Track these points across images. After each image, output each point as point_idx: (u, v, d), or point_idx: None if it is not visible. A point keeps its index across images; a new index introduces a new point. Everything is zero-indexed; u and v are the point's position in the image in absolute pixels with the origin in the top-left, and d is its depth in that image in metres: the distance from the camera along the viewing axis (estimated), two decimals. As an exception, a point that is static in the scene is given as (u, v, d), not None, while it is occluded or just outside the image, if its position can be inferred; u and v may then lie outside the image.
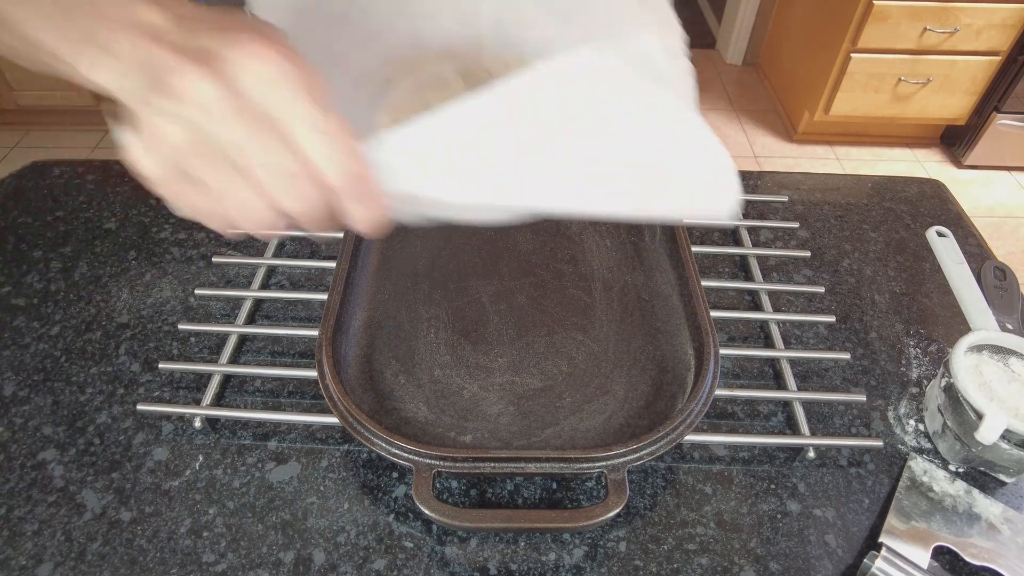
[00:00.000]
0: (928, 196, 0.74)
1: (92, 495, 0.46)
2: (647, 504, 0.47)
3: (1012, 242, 2.00)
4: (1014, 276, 0.63)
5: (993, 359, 0.50)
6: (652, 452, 0.44)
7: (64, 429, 0.50)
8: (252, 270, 0.62)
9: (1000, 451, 0.46)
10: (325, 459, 0.49)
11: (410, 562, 0.44)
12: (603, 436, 0.49)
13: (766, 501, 0.47)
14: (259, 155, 0.25)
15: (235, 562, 0.43)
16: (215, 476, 0.48)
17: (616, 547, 0.45)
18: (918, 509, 0.46)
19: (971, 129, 2.18)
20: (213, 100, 0.24)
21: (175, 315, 0.59)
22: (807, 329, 0.59)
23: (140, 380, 0.54)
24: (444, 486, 0.48)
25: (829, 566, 0.44)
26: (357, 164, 0.27)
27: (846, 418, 0.52)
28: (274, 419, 0.50)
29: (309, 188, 0.26)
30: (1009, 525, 0.45)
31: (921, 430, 0.52)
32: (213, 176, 0.26)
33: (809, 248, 0.66)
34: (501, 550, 0.44)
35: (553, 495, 0.47)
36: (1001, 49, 1.98)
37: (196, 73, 0.24)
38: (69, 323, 0.58)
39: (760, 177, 0.75)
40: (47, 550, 0.44)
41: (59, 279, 0.62)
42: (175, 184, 0.26)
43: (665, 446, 0.45)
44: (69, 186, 0.72)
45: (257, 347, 0.56)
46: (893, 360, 0.57)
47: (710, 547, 0.45)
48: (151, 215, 0.69)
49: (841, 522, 0.46)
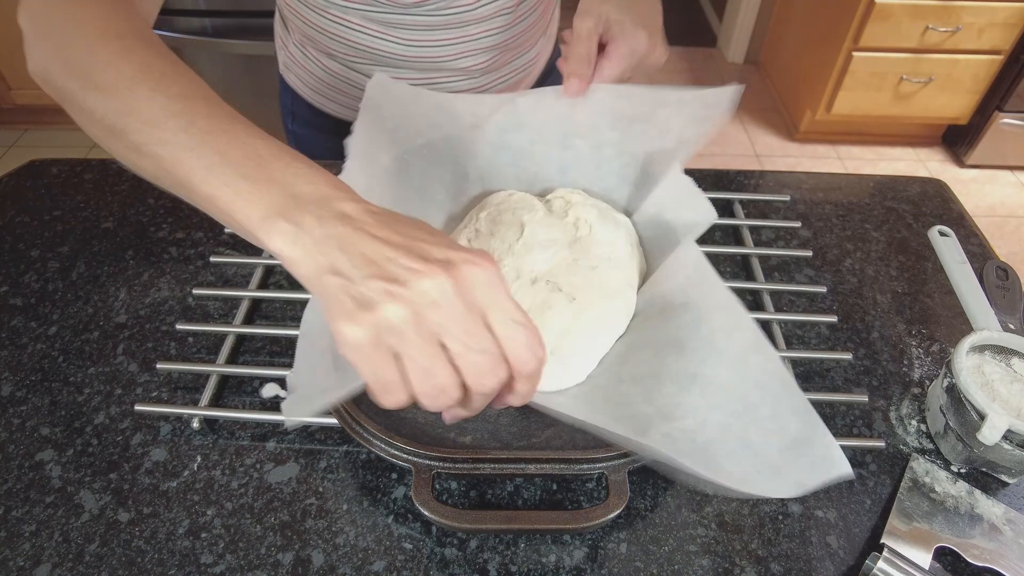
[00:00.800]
0: (930, 195, 0.74)
1: (90, 496, 0.46)
2: (648, 505, 0.47)
3: (1014, 242, 2.00)
4: (1016, 276, 0.63)
5: (995, 359, 0.50)
6: (653, 453, 0.44)
7: (62, 430, 0.50)
8: (250, 270, 0.62)
9: (1002, 452, 0.46)
10: (324, 460, 0.49)
11: (409, 563, 0.43)
12: (603, 437, 0.49)
13: (767, 502, 0.47)
14: (467, 337, 0.30)
15: (233, 563, 0.43)
16: (213, 477, 0.47)
17: (617, 548, 0.44)
18: (920, 510, 0.46)
19: (973, 128, 2.17)
20: (445, 293, 0.30)
21: (173, 315, 0.59)
22: (809, 329, 0.59)
23: (138, 380, 0.53)
24: (443, 487, 0.47)
25: (831, 567, 0.44)
26: (543, 350, 0.32)
27: (848, 418, 0.52)
28: (273, 420, 0.50)
29: (499, 366, 0.31)
30: (1011, 526, 0.45)
31: (923, 431, 0.51)
32: (420, 351, 0.30)
33: (811, 248, 0.66)
34: (501, 552, 0.44)
35: (553, 496, 0.47)
36: (1003, 48, 1.98)
37: (435, 272, 0.30)
38: (67, 323, 0.58)
39: (762, 176, 0.75)
40: (45, 551, 0.43)
41: (57, 279, 0.62)
42: (372, 352, 0.30)
43: (666, 447, 0.44)
44: (67, 185, 0.72)
45: (255, 347, 0.56)
46: (895, 360, 0.57)
47: (711, 548, 0.44)
48: (149, 214, 0.68)
49: (843, 523, 0.46)
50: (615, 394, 0.46)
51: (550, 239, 0.54)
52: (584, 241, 0.54)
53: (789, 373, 0.42)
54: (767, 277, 0.63)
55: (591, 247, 0.54)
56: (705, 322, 0.46)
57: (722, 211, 0.70)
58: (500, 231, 0.54)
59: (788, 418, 0.40)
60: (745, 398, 0.41)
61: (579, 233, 0.55)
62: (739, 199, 0.69)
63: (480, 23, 0.66)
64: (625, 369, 0.48)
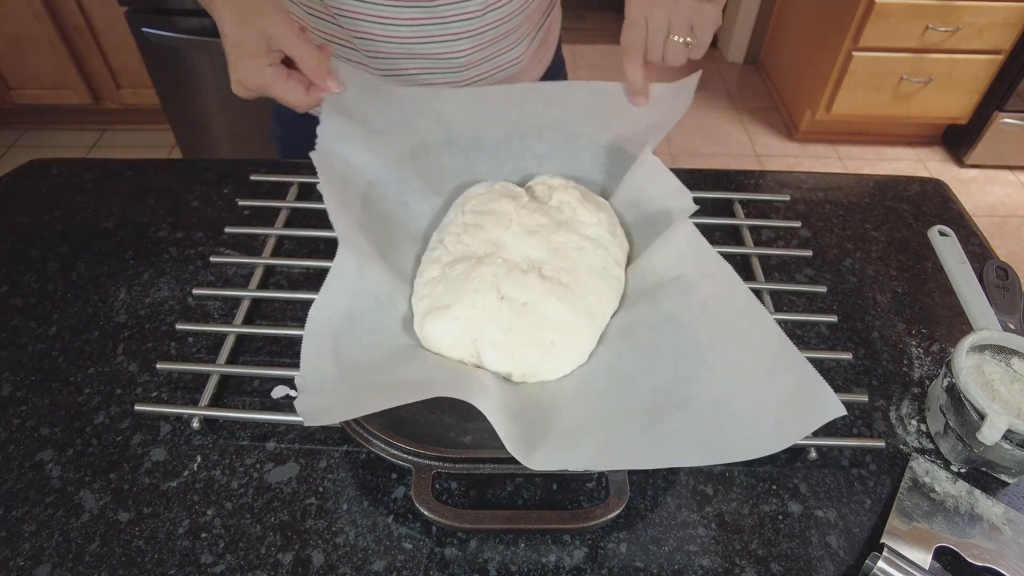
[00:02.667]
0: (930, 195, 0.74)
1: (90, 496, 0.46)
2: (648, 505, 0.47)
3: (1014, 241, 2.00)
4: (1016, 276, 0.63)
5: (995, 359, 0.50)
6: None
7: (62, 430, 0.50)
8: (250, 270, 0.62)
9: (1002, 451, 0.46)
10: (324, 460, 0.49)
11: (409, 563, 0.43)
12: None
13: (767, 502, 0.47)
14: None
15: (233, 563, 0.43)
16: (213, 477, 0.47)
17: (617, 548, 0.44)
18: (920, 510, 0.46)
19: (973, 128, 2.17)
20: None
21: (173, 315, 0.59)
22: (809, 329, 0.59)
23: (138, 380, 0.53)
24: (444, 487, 0.47)
25: (831, 567, 0.44)
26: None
27: (848, 418, 0.52)
28: (272, 420, 0.50)
29: None
30: (1011, 526, 0.45)
31: (923, 430, 0.51)
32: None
33: (811, 247, 0.66)
34: (501, 551, 0.44)
35: (553, 496, 0.47)
36: (1003, 48, 1.97)
37: None
38: (67, 323, 0.58)
39: (762, 176, 0.75)
40: (45, 551, 0.43)
41: (56, 279, 0.62)
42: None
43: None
44: (67, 185, 0.72)
45: (255, 347, 0.56)
46: (895, 360, 0.57)
47: (711, 548, 0.44)
48: (149, 214, 0.68)
49: (843, 523, 0.46)
50: (617, 370, 0.48)
51: (537, 224, 0.55)
52: (570, 223, 0.56)
53: (781, 332, 0.45)
54: (767, 277, 0.63)
55: (577, 228, 0.56)
56: (697, 291, 0.48)
57: (722, 211, 0.70)
58: (488, 222, 0.55)
59: (785, 373, 0.43)
60: (743, 358, 0.44)
61: (564, 216, 0.57)
62: (739, 199, 0.69)
63: (452, 4, 0.65)
64: (624, 344, 0.50)
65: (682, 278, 0.49)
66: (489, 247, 0.53)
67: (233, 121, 1.76)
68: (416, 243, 0.58)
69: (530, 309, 0.49)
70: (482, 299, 0.49)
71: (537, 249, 0.54)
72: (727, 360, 0.44)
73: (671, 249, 0.51)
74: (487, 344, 0.48)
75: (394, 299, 0.52)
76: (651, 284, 0.52)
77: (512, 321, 0.49)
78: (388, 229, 0.56)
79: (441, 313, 0.49)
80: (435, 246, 0.55)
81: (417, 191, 0.60)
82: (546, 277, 0.51)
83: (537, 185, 0.61)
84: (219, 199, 0.70)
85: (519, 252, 0.53)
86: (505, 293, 0.50)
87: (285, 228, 0.65)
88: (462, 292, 0.50)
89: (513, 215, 0.56)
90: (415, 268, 0.56)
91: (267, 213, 0.68)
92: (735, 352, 0.44)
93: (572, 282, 0.52)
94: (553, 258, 0.53)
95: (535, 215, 0.56)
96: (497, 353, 0.48)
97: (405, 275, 0.55)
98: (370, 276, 0.50)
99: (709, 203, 0.70)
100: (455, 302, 0.49)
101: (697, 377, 0.44)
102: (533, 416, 0.45)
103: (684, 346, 0.46)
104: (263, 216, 0.68)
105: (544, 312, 0.49)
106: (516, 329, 0.49)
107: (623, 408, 0.45)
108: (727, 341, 0.45)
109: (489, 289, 0.50)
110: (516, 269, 0.52)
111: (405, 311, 0.52)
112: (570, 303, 0.50)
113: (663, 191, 0.56)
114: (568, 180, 0.60)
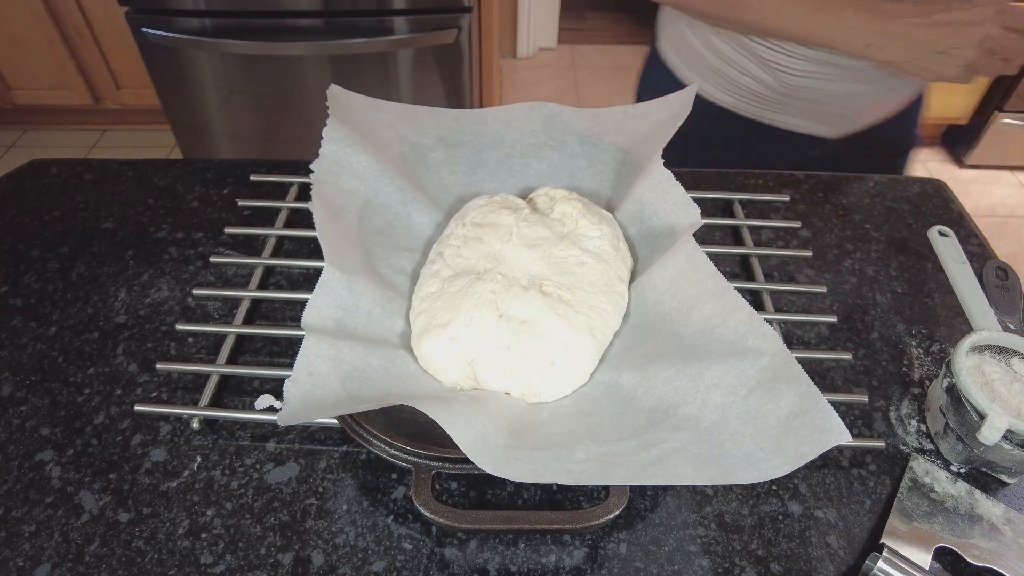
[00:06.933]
0: (930, 196, 0.74)
1: (90, 496, 0.46)
2: (648, 505, 0.47)
3: (1014, 242, 2.00)
4: (1016, 276, 0.63)
5: (995, 359, 0.50)
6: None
7: (62, 430, 0.50)
8: (250, 270, 0.62)
9: (1002, 452, 0.46)
10: (324, 460, 0.49)
11: (409, 564, 0.43)
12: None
13: (767, 502, 0.47)
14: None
15: (233, 564, 0.43)
16: (213, 477, 0.47)
17: (617, 548, 0.44)
18: (920, 510, 0.46)
19: (973, 128, 2.17)
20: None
21: (173, 315, 0.59)
22: (809, 329, 0.59)
23: (138, 381, 0.53)
24: (444, 487, 0.47)
25: (831, 567, 0.44)
26: None
27: (848, 419, 0.52)
28: (272, 420, 0.50)
29: None
30: (1011, 526, 0.45)
31: (923, 431, 0.51)
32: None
33: (811, 248, 0.66)
34: (501, 552, 0.44)
35: (553, 496, 0.47)
36: (1002, 48, 1.97)
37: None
38: (67, 323, 0.58)
39: (762, 176, 0.75)
40: (44, 551, 0.43)
41: (57, 279, 0.62)
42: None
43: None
44: (67, 186, 0.72)
45: (255, 347, 0.56)
46: (895, 360, 0.57)
47: (711, 548, 0.44)
48: (149, 214, 0.68)
49: (843, 523, 0.46)
50: (616, 389, 0.48)
51: (538, 237, 0.54)
52: (572, 236, 0.55)
53: (787, 351, 0.43)
54: (767, 277, 0.63)
55: (579, 242, 0.55)
56: (698, 309, 0.47)
57: (722, 211, 0.70)
58: (488, 234, 0.55)
59: (785, 392, 0.41)
60: (742, 376, 0.43)
61: (566, 228, 0.56)
62: (739, 199, 0.69)
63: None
64: (624, 361, 0.49)
65: (683, 296, 0.48)
66: (489, 261, 0.53)
67: (233, 121, 1.76)
68: (415, 255, 0.58)
69: (530, 327, 0.48)
70: (480, 317, 0.49)
71: (538, 263, 0.53)
72: (728, 380, 0.43)
73: (672, 266, 0.50)
74: (484, 363, 0.48)
75: (389, 313, 0.51)
76: (653, 301, 0.51)
77: (511, 339, 0.48)
78: (387, 240, 0.56)
79: (438, 332, 0.48)
80: (434, 259, 0.54)
81: (417, 203, 0.59)
82: (547, 294, 0.50)
83: (539, 197, 0.60)
84: (219, 199, 0.70)
85: (519, 266, 0.52)
86: (504, 311, 0.49)
87: (285, 228, 0.65)
88: (460, 309, 0.49)
89: (514, 228, 0.55)
90: (413, 281, 0.55)
91: (267, 213, 0.68)
92: (737, 373, 0.43)
93: (573, 299, 0.50)
94: (554, 273, 0.52)
95: (536, 227, 0.55)
96: (494, 372, 0.47)
97: (402, 288, 0.55)
98: (361, 291, 0.49)
99: (709, 203, 0.70)
100: (452, 320, 0.49)
101: (697, 398, 0.43)
102: (527, 429, 0.44)
103: (684, 365, 0.45)
104: (263, 216, 0.68)
105: (544, 330, 0.48)
106: (515, 348, 0.48)
107: (621, 427, 0.44)
108: (729, 361, 0.44)
109: (487, 306, 0.49)
110: (516, 285, 0.51)
111: (402, 326, 0.52)
112: (571, 320, 0.49)
113: (670, 204, 0.54)
114: (571, 192, 0.59)
